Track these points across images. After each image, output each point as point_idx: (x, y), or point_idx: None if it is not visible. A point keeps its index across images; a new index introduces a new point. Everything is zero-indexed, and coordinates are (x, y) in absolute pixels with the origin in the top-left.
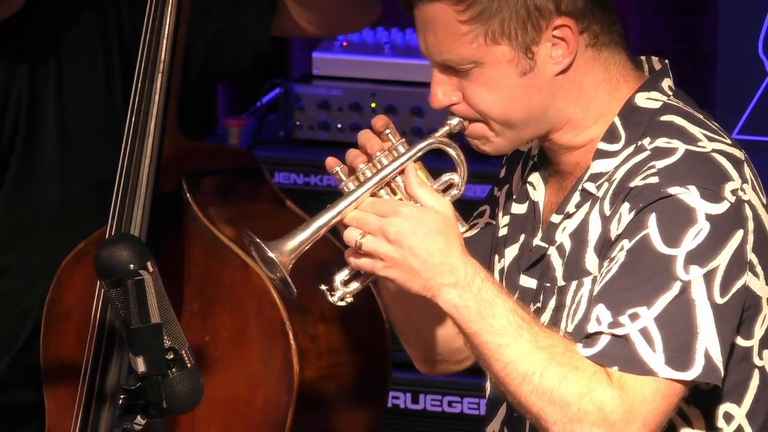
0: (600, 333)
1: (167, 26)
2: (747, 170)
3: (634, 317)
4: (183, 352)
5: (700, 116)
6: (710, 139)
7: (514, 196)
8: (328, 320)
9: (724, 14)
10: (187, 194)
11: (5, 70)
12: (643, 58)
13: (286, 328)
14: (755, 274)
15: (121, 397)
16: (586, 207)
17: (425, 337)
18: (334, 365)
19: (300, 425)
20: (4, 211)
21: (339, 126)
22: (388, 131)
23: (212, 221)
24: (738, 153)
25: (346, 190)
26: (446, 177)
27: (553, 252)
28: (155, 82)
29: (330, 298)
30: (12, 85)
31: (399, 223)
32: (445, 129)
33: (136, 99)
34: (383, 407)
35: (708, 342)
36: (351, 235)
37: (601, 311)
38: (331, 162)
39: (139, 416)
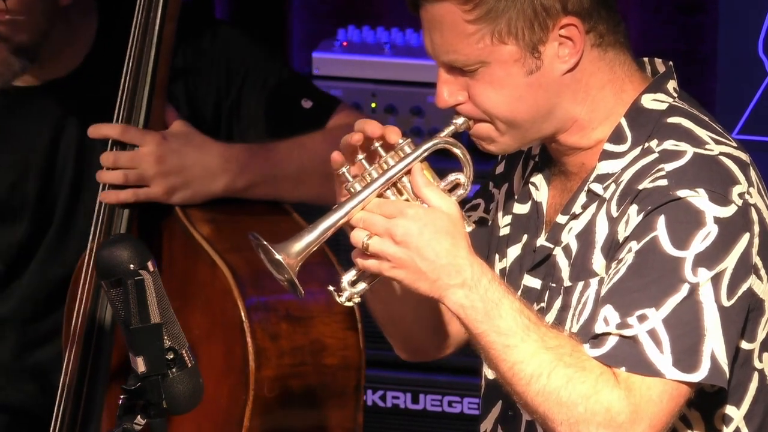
0: (608, 334)
1: (155, 22)
2: (753, 173)
3: (642, 318)
4: (183, 352)
5: (706, 118)
6: (717, 142)
7: (516, 196)
8: (294, 319)
9: (724, 14)
10: None
11: (55, 123)
12: (646, 59)
13: (244, 327)
14: (759, 278)
15: (121, 397)
16: (592, 208)
17: (403, 329)
18: (298, 364)
19: (262, 424)
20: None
21: None
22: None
23: (190, 219)
24: (744, 156)
25: (353, 190)
26: (452, 177)
27: (558, 252)
28: (141, 78)
29: (337, 299)
30: (60, 138)
31: (406, 224)
32: (450, 128)
33: (124, 95)
34: (358, 409)
35: (714, 344)
36: (358, 237)
37: (609, 312)
38: (337, 158)
39: (139, 416)
